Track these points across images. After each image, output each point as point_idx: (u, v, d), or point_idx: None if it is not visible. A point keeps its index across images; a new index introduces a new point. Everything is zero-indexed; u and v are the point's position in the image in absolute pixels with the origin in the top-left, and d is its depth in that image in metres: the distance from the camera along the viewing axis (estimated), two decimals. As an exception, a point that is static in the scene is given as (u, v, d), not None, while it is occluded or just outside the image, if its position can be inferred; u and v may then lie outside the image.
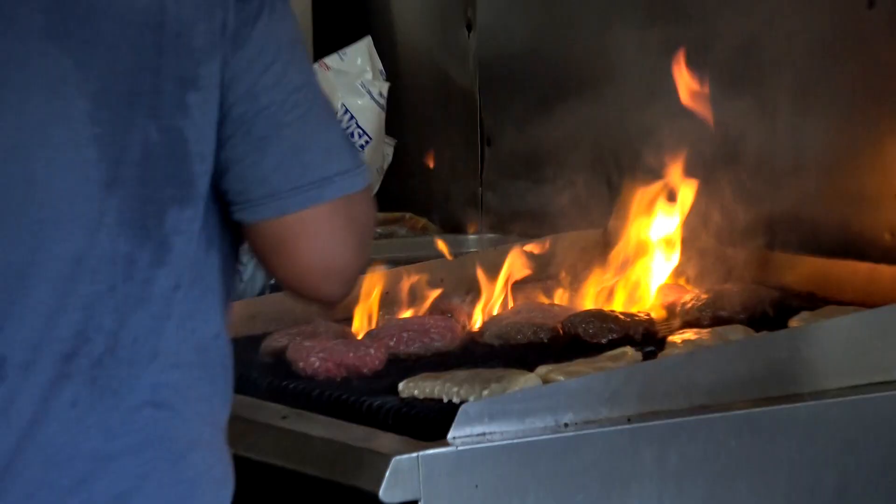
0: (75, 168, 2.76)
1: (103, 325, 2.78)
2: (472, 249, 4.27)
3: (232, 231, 2.90)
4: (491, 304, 3.88)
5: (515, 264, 3.97)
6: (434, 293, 3.95)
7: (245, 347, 3.59)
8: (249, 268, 4.27)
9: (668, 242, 3.93)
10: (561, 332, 3.60)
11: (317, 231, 2.86)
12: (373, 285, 3.96)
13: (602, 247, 4.01)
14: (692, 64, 4.05)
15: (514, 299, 3.90)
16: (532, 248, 4.06)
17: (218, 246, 2.87)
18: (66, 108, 2.77)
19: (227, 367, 2.92)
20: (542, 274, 4.04)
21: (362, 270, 3.05)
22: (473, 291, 3.95)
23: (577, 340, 3.56)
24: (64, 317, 2.78)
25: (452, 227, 4.49)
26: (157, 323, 2.82)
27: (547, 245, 4.02)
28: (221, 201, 2.86)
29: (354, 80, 4.18)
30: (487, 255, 4.08)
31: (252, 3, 2.82)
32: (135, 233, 2.78)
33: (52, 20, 2.80)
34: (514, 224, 4.23)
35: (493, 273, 3.95)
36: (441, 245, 4.31)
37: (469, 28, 4.39)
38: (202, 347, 2.88)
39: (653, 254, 3.95)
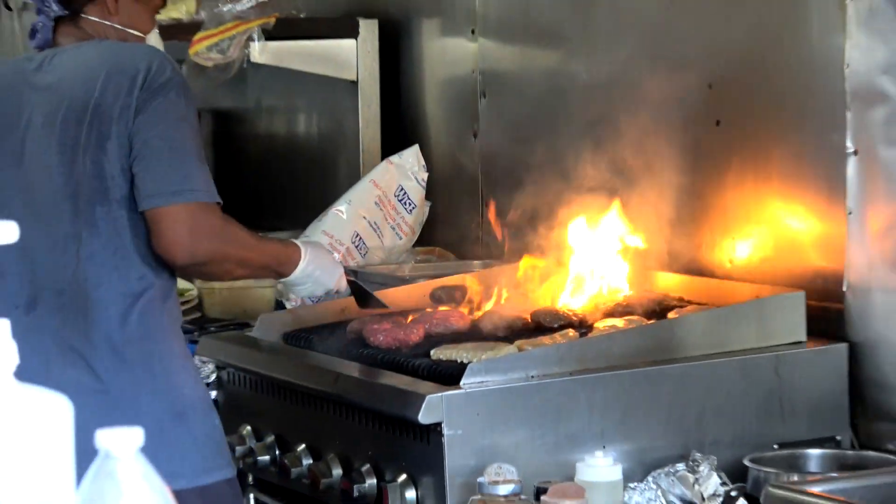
0: (53, 190, 3.18)
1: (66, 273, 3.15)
2: (474, 270, 4.15)
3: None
4: (488, 301, 3.82)
5: (504, 279, 3.88)
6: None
7: (337, 329, 3.66)
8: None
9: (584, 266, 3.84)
10: (530, 320, 3.59)
11: (174, 220, 3.14)
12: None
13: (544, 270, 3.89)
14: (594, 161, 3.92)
15: (502, 299, 3.83)
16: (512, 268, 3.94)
17: (128, 226, 3.16)
18: (46, 153, 3.20)
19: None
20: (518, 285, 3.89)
21: (202, 253, 3.19)
22: (479, 293, 3.88)
23: (540, 326, 3.55)
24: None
25: (462, 256, 4.46)
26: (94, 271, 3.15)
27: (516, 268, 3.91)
28: (131, 201, 3.16)
29: (407, 171, 4.28)
30: (488, 273, 3.97)
31: (153, 93, 3.15)
32: (81, 220, 3.16)
33: (47, 112, 3.22)
34: (503, 254, 4.15)
35: (489, 283, 3.88)
36: (465, 266, 4.26)
37: (475, 136, 4.42)
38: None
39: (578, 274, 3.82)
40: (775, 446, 3.36)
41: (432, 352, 3.40)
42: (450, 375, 3.23)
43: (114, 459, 1.46)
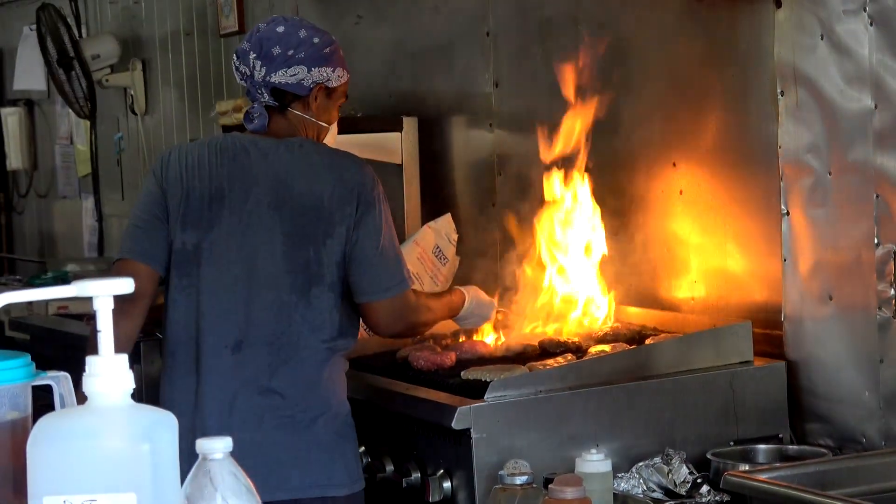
0: (274, 263, 3.12)
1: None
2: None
3: (345, 294, 3.16)
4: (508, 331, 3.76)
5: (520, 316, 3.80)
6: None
7: (388, 356, 3.64)
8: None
9: (570, 300, 3.81)
10: (538, 347, 3.58)
11: (381, 310, 3.17)
12: None
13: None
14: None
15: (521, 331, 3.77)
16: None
17: (335, 306, 3.14)
18: (272, 232, 3.14)
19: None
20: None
21: (400, 329, 3.26)
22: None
23: (546, 351, 3.55)
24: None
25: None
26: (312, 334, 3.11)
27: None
28: (342, 285, 3.14)
29: (442, 233, 4.23)
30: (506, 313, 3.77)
31: (367, 206, 3.12)
32: (297, 294, 3.12)
33: (273, 198, 3.15)
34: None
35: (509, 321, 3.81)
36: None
37: (493, 205, 4.40)
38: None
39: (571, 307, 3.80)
40: (731, 443, 3.36)
41: (462, 373, 3.39)
42: (476, 391, 3.22)
43: (209, 461, 1.44)
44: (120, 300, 3.14)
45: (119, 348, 2.97)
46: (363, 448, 3.40)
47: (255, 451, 3.01)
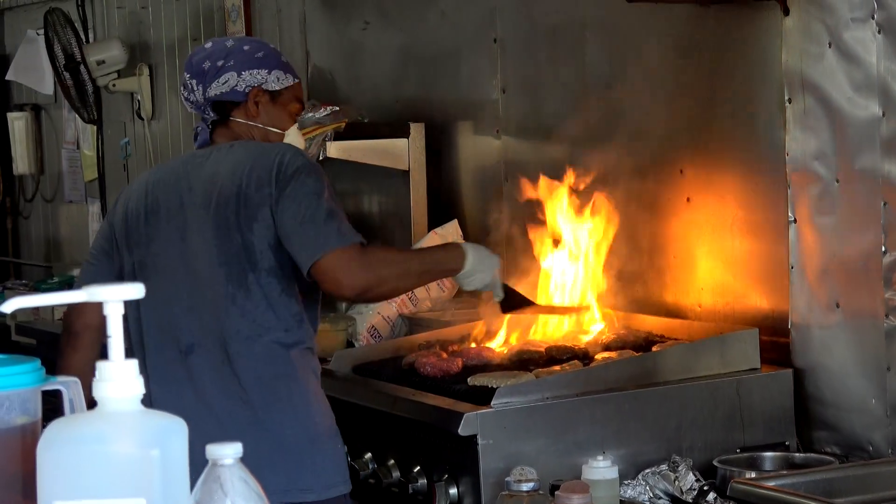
0: (209, 259, 3.09)
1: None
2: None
3: (288, 280, 3.06)
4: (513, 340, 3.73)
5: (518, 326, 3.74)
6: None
7: (394, 362, 3.61)
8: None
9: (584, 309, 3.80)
10: (545, 354, 3.55)
11: (325, 271, 2.99)
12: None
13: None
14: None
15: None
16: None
17: (278, 290, 3.05)
18: (204, 230, 3.11)
19: None
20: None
21: (360, 284, 3.03)
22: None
23: (552, 358, 3.51)
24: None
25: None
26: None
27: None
28: (281, 269, 3.04)
29: (449, 239, 4.29)
30: (514, 318, 3.73)
31: (287, 180, 3.03)
32: (234, 284, 3.07)
33: (203, 198, 3.13)
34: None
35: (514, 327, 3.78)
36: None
37: (500, 211, 4.39)
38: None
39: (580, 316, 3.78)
40: (738, 450, 3.36)
41: (469, 379, 3.38)
42: (483, 397, 3.22)
43: (219, 467, 1.45)
44: (68, 335, 3.18)
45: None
46: (369, 454, 3.41)
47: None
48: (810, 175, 3.42)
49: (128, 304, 2.83)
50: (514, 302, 3.61)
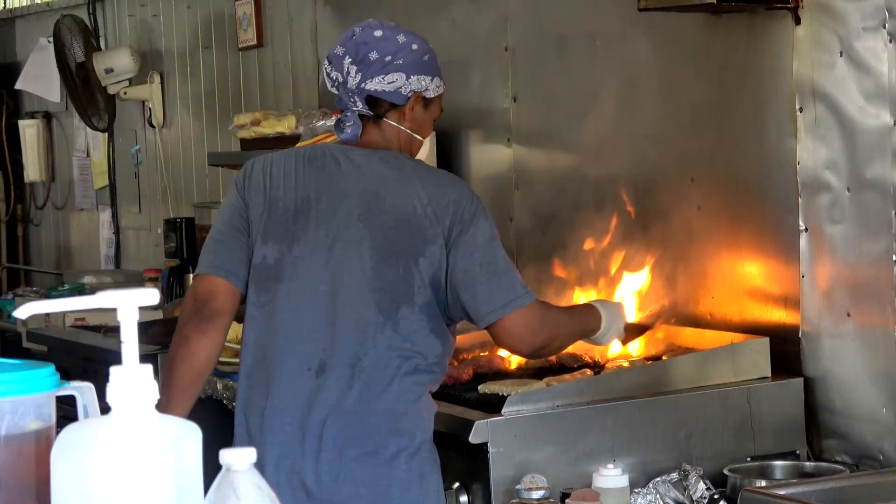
0: (361, 280, 2.89)
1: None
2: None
3: (437, 320, 2.90)
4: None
5: None
6: None
7: None
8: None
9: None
10: (555, 363, 3.58)
11: (510, 328, 2.90)
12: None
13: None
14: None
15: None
16: None
17: (426, 330, 2.90)
18: (361, 247, 2.90)
19: None
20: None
21: (540, 343, 2.97)
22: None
23: (563, 366, 3.54)
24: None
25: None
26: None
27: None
28: (432, 308, 2.88)
29: None
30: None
31: (465, 225, 2.88)
32: (384, 313, 2.88)
33: (364, 210, 2.92)
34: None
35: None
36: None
37: (511, 220, 4.38)
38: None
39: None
40: (748, 459, 3.36)
41: (479, 387, 3.39)
42: (493, 405, 3.22)
43: (233, 473, 1.45)
44: (198, 318, 2.91)
45: (200, 369, 2.87)
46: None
47: (332, 485, 2.84)
48: (821, 184, 3.43)
49: (266, 301, 2.83)
50: (634, 334, 3.57)
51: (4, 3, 8.26)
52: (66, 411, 1.65)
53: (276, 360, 2.90)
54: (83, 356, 4.95)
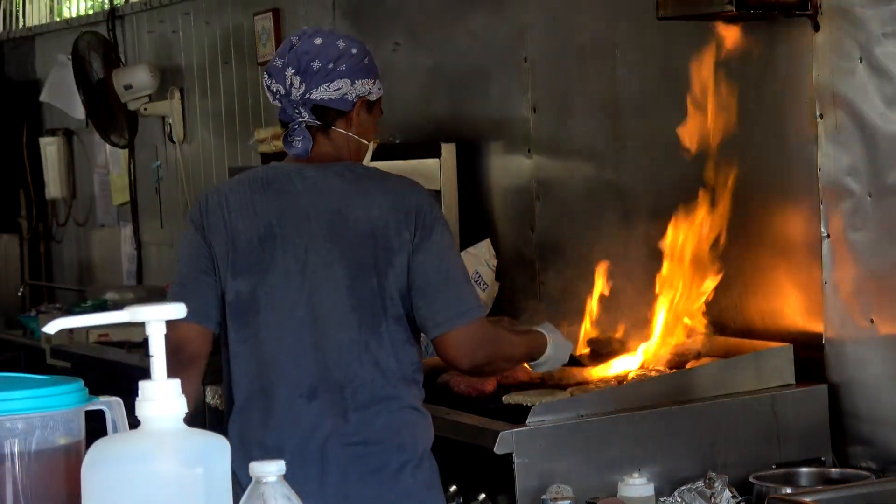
0: (339, 300, 2.88)
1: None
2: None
3: (412, 328, 2.90)
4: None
5: None
6: None
7: (427, 381, 3.35)
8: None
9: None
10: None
11: (457, 340, 2.89)
12: None
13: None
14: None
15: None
16: None
17: (406, 340, 2.90)
18: (332, 267, 2.89)
19: None
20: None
21: (481, 359, 2.94)
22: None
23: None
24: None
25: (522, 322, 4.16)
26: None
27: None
28: (403, 318, 2.88)
29: (481, 259, 4.30)
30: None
31: (426, 230, 2.86)
32: (367, 331, 2.87)
33: (328, 231, 2.89)
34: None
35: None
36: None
37: (532, 230, 4.39)
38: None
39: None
40: (773, 466, 3.36)
41: (503, 397, 3.41)
42: (518, 416, 3.23)
43: (263, 484, 1.45)
44: (175, 364, 2.84)
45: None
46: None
47: None
48: (843, 190, 3.44)
49: (248, 336, 2.80)
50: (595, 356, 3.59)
51: (24, 21, 8.29)
52: (93, 427, 1.66)
53: (268, 392, 2.89)
54: (107, 372, 4.97)
